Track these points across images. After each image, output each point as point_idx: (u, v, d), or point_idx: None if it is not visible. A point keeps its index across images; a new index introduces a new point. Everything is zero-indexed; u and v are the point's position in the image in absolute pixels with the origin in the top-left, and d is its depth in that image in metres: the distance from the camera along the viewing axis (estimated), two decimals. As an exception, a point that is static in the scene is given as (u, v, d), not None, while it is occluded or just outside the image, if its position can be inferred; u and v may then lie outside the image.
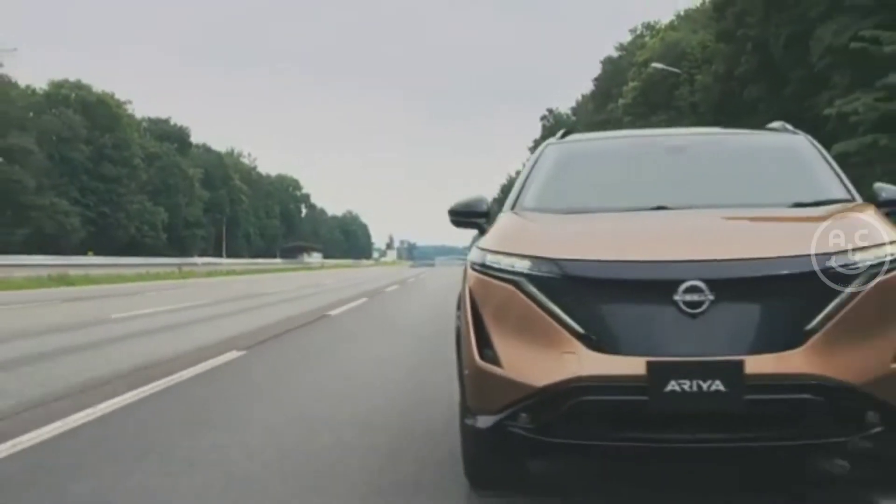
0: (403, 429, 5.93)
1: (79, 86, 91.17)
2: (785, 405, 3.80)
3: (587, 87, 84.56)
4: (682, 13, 62.00)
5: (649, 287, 3.90)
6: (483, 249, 4.32)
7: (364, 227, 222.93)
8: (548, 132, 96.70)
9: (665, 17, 56.33)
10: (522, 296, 4.01)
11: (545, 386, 3.86)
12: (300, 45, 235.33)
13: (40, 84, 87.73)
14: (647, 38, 68.60)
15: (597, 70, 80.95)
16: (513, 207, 5.01)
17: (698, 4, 51.55)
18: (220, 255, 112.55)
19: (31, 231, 76.11)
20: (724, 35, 40.51)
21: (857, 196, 4.87)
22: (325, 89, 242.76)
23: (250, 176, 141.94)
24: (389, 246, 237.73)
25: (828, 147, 22.63)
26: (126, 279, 41.48)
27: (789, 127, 5.91)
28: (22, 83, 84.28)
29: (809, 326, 3.80)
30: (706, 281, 3.80)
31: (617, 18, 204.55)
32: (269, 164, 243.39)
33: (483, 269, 4.22)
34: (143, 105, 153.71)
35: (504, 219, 4.82)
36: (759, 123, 24.70)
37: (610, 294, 3.92)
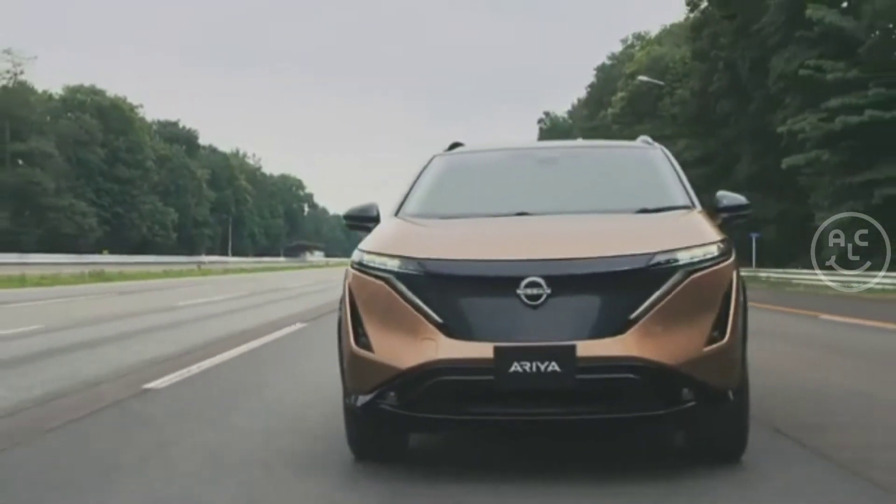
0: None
1: (93, 91, 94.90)
2: (611, 383, 4.29)
3: (585, 88, 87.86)
4: (667, 27, 65.53)
5: (496, 282, 4.41)
6: (361, 251, 4.81)
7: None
8: (545, 135, 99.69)
9: (657, 25, 59.56)
10: (391, 290, 4.50)
11: (409, 368, 4.36)
12: (300, 44, 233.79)
13: (49, 86, 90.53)
14: (636, 49, 72.09)
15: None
16: (397, 213, 5.52)
17: (682, 19, 55.17)
18: (225, 254, 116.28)
19: (48, 231, 79.62)
20: (700, 54, 44.54)
21: (697, 203, 5.37)
22: (326, 89, 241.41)
23: (255, 176, 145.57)
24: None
25: (781, 160, 27.26)
26: (154, 276, 45.27)
27: (649, 140, 6.50)
28: (36, 87, 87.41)
29: (633, 316, 4.30)
30: (544, 277, 4.33)
31: (617, 18, 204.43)
32: (271, 164, 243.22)
33: (360, 267, 4.72)
34: (145, 105, 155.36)
35: (384, 224, 5.34)
36: (730, 135, 29.25)
37: (463, 288, 4.43)
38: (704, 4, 44.40)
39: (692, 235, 4.67)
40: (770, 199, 38.52)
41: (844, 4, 31.18)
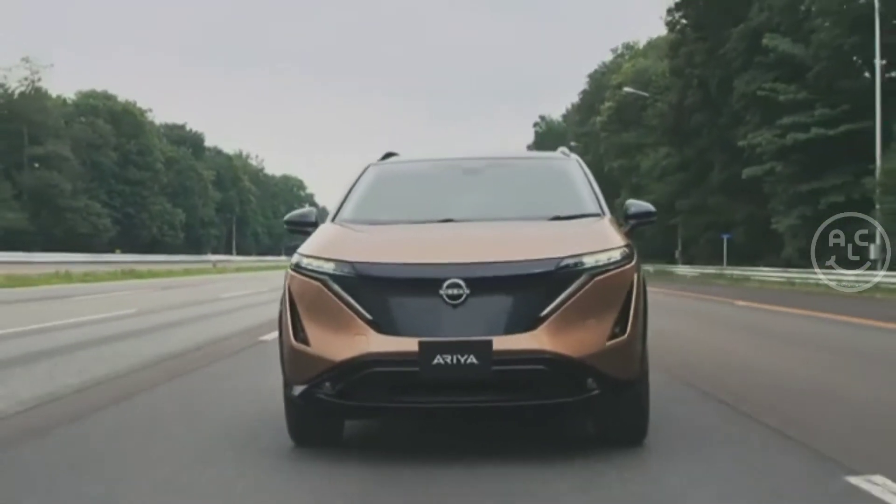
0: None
1: (106, 96, 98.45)
2: (524, 374, 4.72)
3: (578, 95, 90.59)
4: (652, 39, 69.25)
5: (421, 283, 4.79)
6: (300, 254, 5.16)
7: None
8: (540, 138, 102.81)
9: (645, 35, 63.22)
10: (327, 291, 4.88)
11: (342, 360, 4.76)
12: (299, 44, 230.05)
13: (52, 87, 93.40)
14: (626, 58, 75.64)
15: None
16: (333, 219, 5.81)
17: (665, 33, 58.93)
18: (230, 253, 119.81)
19: (66, 231, 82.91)
20: (677, 71, 48.61)
21: (606, 211, 5.74)
22: (326, 88, 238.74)
23: (258, 177, 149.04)
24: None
25: (742, 170, 31.80)
26: (178, 273, 49.15)
27: (566, 151, 6.87)
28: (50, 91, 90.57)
29: (543, 313, 4.72)
30: (464, 279, 4.72)
31: (617, 19, 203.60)
32: (273, 165, 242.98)
33: (299, 269, 5.06)
34: (143, 104, 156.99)
35: (321, 229, 5.63)
36: (703, 144, 33.36)
37: (391, 289, 4.81)
38: (683, 23, 48.52)
39: (598, 241, 5.09)
40: (739, 204, 42.69)
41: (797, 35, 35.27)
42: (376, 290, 4.80)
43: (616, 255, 4.98)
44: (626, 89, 58.54)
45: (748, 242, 43.25)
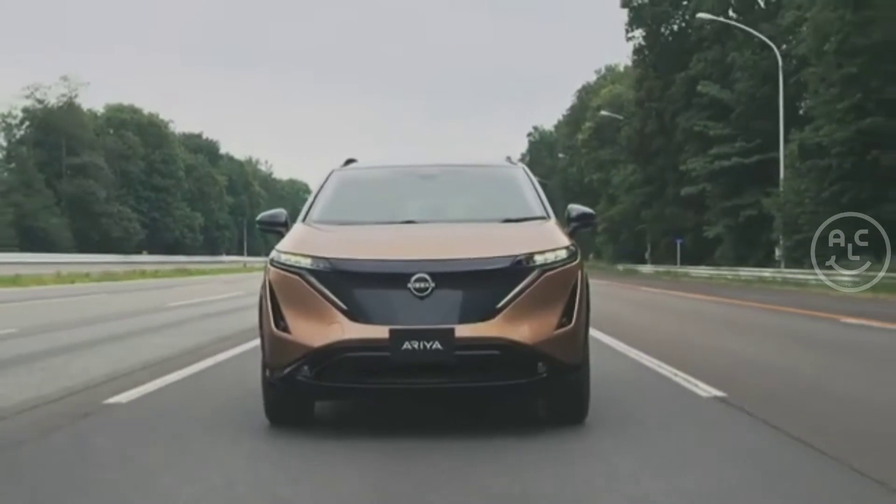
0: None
1: (133, 109, 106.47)
2: (482, 358, 5.25)
3: (566, 110, 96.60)
4: (627, 66, 77.33)
5: (391, 278, 5.27)
6: (279, 251, 5.63)
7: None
8: (533, 147, 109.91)
9: (624, 60, 69.84)
10: (305, 284, 5.35)
11: (319, 346, 5.24)
12: (298, 44, 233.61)
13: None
14: (608, 79, 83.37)
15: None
16: (304, 220, 6.29)
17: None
18: (241, 254, 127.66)
19: (101, 234, 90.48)
20: (640, 102, 57.63)
21: (551, 214, 6.34)
22: (325, 89, 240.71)
23: (267, 182, 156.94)
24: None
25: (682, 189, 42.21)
26: (217, 272, 56.83)
27: (513, 160, 7.46)
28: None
29: (499, 305, 5.26)
30: (430, 273, 5.22)
31: (618, 19, 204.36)
32: (278, 167, 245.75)
33: (278, 264, 5.54)
34: (150, 107, 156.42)
35: (295, 228, 6.14)
36: (661, 164, 43.43)
37: (364, 282, 5.29)
38: (645, 62, 57.30)
39: (546, 241, 5.64)
40: (688, 214, 51.71)
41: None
42: (350, 283, 5.29)
43: (563, 254, 5.51)
44: (603, 112, 66.90)
45: (694, 246, 52.29)
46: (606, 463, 4.97)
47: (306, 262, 5.43)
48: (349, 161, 7.32)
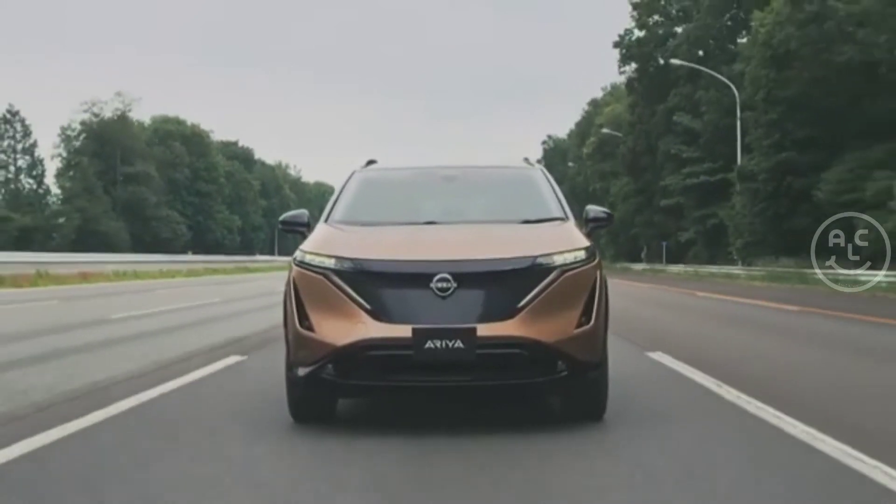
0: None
1: (178, 121, 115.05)
2: (504, 357, 5.30)
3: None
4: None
5: (414, 278, 5.33)
6: (303, 251, 5.69)
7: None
8: (547, 154, 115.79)
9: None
10: (329, 283, 5.40)
11: (344, 345, 5.29)
12: (298, 45, 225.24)
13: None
14: (612, 95, 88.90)
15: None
16: (326, 220, 6.34)
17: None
18: (272, 254, 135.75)
19: (153, 237, 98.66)
20: (633, 123, 66.43)
21: (569, 215, 6.35)
22: (325, 88, 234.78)
23: (296, 185, 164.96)
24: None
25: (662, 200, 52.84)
26: (271, 269, 64.01)
27: (531, 161, 7.58)
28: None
29: (521, 304, 5.29)
30: (451, 273, 5.27)
31: (618, 19, 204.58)
32: (302, 170, 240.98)
33: (303, 264, 5.59)
34: (171, 109, 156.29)
35: (318, 229, 6.18)
36: (649, 178, 53.23)
37: (388, 282, 5.36)
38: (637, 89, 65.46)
39: (565, 242, 5.69)
40: (670, 221, 60.91)
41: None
42: (373, 283, 5.36)
43: (582, 255, 5.58)
44: (604, 130, 75.10)
45: (676, 248, 61.38)
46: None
47: (330, 262, 5.47)
48: (370, 162, 7.41)
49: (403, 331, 5.25)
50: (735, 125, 46.05)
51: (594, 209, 6.48)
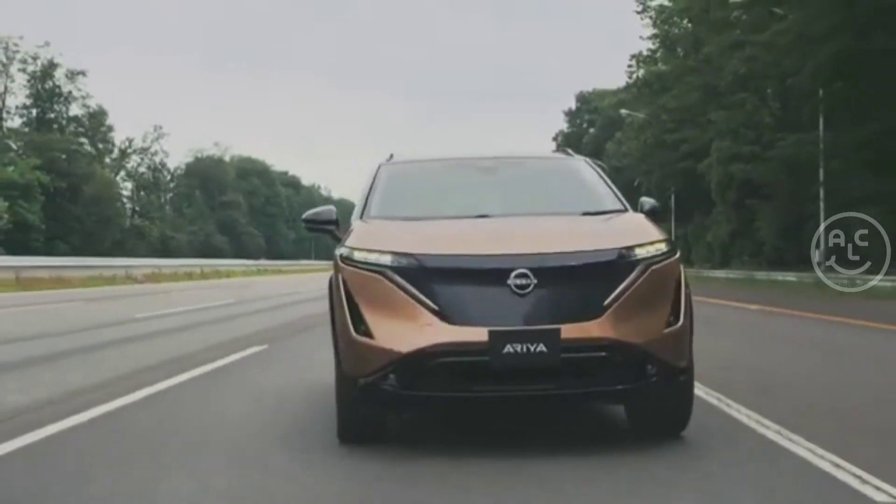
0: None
1: (252, 160, 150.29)
2: (590, 361, 4.87)
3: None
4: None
5: (489, 274, 4.89)
6: (351, 248, 5.24)
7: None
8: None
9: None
10: (388, 282, 4.95)
11: (410, 352, 4.82)
12: (297, 46, 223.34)
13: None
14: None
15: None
16: (361, 216, 5.93)
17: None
18: (309, 258, 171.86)
19: (240, 247, 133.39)
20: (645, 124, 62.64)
21: (628, 207, 6.00)
22: (326, 91, 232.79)
23: (329, 202, 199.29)
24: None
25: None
26: (311, 270, 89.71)
27: (570, 151, 7.21)
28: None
29: (606, 302, 4.89)
30: (531, 269, 4.84)
31: (617, 20, 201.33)
32: (309, 178, 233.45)
33: (353, 262, 5.16)
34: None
35: (361, 224, 5.75)
36: (664, 174, 67.32)
37: (459, 280, 4.90)
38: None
39: (643, 234, 5.34)
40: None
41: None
42: (441, 281, 4.92)
43: (663, 247, 5.23)
44: (623, 111, 67.19)
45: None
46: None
47: (386, 259, 5.05)
48: (390, 156, 6.94)
49: (478, 334, 4.82)
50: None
51: (649, 201, 6.18)
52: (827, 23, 29.93)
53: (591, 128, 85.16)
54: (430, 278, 4.98)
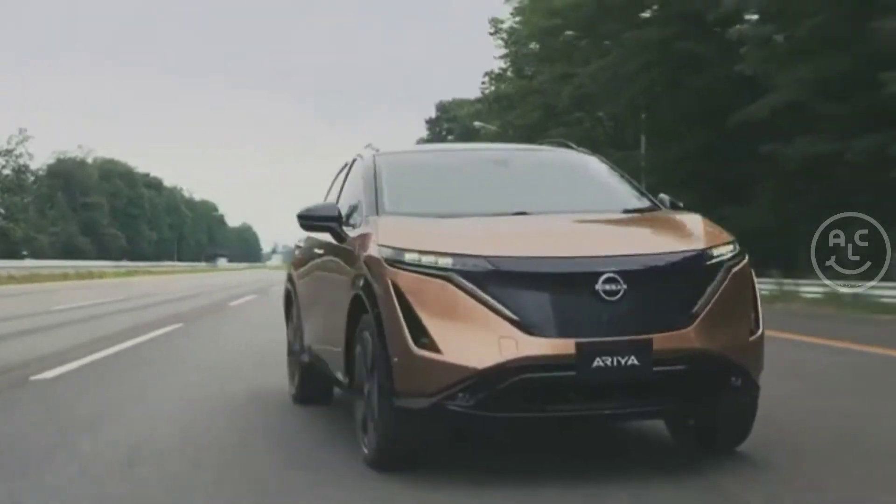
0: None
1: (114, 161, 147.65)
2: (682, 374, 4.48)
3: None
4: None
5: (575, 279, 4.43)
6: (398, 248, 4.63)
7: (256, 236, 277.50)
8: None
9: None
10: (454, 288, 4.40)
11: (487, 367, 4.30)
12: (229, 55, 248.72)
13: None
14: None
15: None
16: (375, 212, 5.28)
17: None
18: (172, 260, 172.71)
19: (102, 247, 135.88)
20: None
21: (659, 204, 5.65)
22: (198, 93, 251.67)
23: (190, 204, 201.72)
24: (274, 251, 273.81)
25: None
26: (174, 272, 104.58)
27: (572, 145, 6.63)
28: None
29: (695, 309, 4.53)
30: (620, 272, 4.41)
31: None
32: (176, 181, 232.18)
33: (405, 265, 4.57)
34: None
35: (391, 221, 5.10)
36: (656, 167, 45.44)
37: (540, 285, 4.41)
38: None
39: (716, 234, 4.96)
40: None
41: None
42: (520, 286, 4.44)
43: (733, 248, 4.89)
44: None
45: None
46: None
47: (447, 262, 4.52)
48: (369, 145, 6.37)
49: (565, 346, 4.38)
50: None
51: (667, 198, 5.83)
52: (640, 61, 35.38)
53: (450, 136, 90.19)
54: (505, 283, 4.50)
